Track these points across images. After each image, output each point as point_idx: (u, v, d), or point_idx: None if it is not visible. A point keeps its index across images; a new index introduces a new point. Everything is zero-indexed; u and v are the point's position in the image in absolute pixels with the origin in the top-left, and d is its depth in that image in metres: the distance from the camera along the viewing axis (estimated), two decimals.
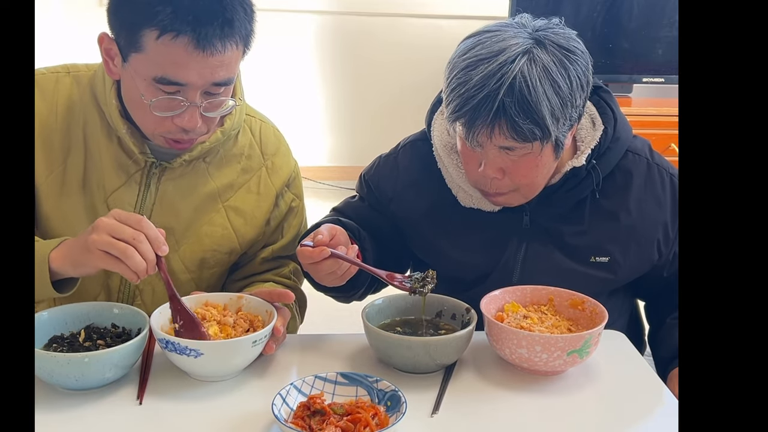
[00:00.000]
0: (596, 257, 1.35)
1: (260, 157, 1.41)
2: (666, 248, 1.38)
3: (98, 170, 1.30)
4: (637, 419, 1.13)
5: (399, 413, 1.02)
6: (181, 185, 1.34)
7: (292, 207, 1.45)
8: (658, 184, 1.37)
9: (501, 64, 1.16)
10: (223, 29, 1.14)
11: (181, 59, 1.14)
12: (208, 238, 1.36)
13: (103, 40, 1.22)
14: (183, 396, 1.13)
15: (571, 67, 1.19)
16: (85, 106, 1.31)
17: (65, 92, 1.32)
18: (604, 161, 1.32)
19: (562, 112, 1.18)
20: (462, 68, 1.19)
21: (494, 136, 1.19)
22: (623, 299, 1.47)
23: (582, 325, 1.25)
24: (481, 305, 1.24)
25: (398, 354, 1.17)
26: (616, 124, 1.33)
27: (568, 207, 1.35)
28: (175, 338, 1.11)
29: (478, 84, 1.16)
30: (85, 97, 1.31)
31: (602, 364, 1.25)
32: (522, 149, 1.21)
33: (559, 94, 1.17)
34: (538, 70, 1.16)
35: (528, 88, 1.15)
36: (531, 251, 1.37)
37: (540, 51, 1.18)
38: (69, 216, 1.30)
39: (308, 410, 1.03)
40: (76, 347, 1.14)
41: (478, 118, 1.17)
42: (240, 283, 1.43)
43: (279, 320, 1.19)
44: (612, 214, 1.35)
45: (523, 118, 1.16)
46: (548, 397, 1.16)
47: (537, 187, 1.30)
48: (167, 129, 1.22)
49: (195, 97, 1.18)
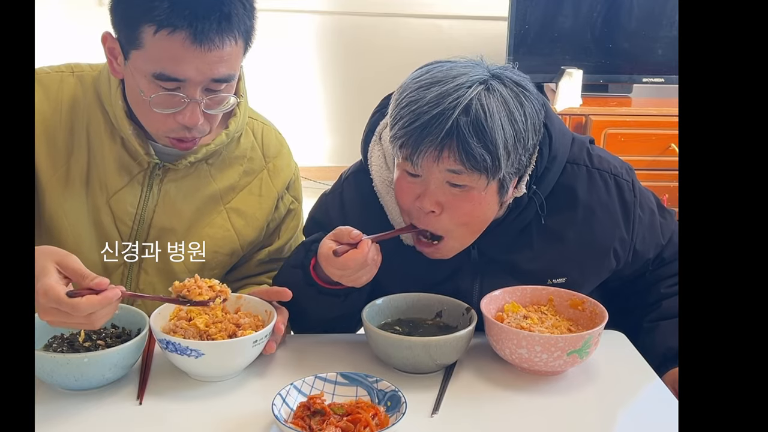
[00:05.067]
0: (552, 279, 1.32)
1: (262, 159, 1.41)
2: (624, 252, 1.34)
3: (101, 170, 1.30)
4: (637, 419, 1.13)
5: (399, 413, 1.02)
6: (184, 187, 1.34)
7: (291, 209, 1.45)
8: (603, 190, 1.31)
9: (458, 86, 1.11)
10: (221, 24, 1.14)
11: (179, 54, 1.13)
12: (209, 239, 1.36)
13: (107, 40, 1.22)
14: (183, 396, 1.13)
15: (527, 104, 1.15)
16: (89, 106, 1.31)
17: (69, 92, 1.32)
18: (544, 183, 1.26)
19: (514, 147, 1.13)
20: (414, 89, 1.14)
21: (442, 159, 1.12)
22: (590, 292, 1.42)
23: (582, 325, 1.25)
24: (481, 305, 1.24)
25: (398, 354, 1.17)
26: (551, 142, 1.25)
27: (514, 234, 1.30)
28: (175, 338, 1.11)
29: (431, 101, 1.11)
30: (89, 97, 1.31)
31: (602, 364, 1.24)
32: (468, 179, 1.14)
33: (514, 127, 1.12)
34: (496, 99, 1.12)
35: (485, 113, 1.10)
36: (486, 285, 1.30)
37: (497, 83, 1.14)
38: (72, 216, 1.30)
39: (308, 410, 1.03)
40: (75, 347, 1.14)
41: (429, 135, 1.10)
42: (235, 285, 1.43)
43: (279, 318, 1.19)
44: (560, 233, 1.30)
45: (476, 141, 1.09)
46: (548, 397, 1.16)
47: (475, 229, 1.22)
48: (170, 127, 1.22)
49: (195, 93, 1.18)
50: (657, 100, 3.54)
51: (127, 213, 1.32)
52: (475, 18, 4.01)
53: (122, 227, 1.32)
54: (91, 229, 1.31)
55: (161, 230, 1.34)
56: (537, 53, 3.47)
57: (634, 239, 1.35)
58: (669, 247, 1.43)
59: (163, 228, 1.34)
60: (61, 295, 1.00)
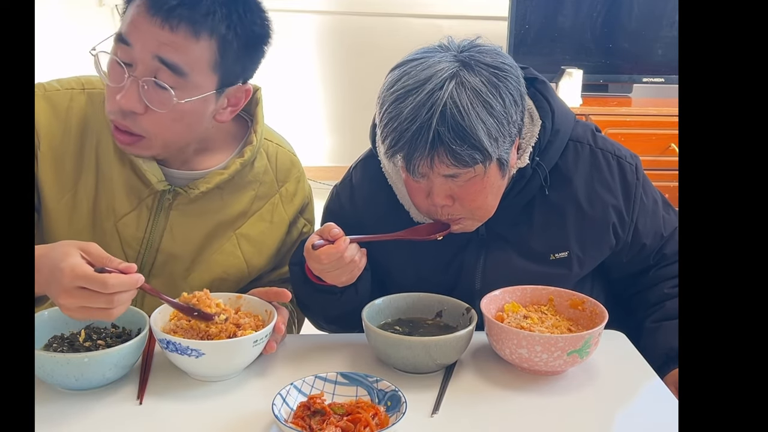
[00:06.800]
0: (555, 254, 1.34)
1: (274, 183, 1.38)
2: (623, 232, 1.37)
3: (109, 193, 1.28)
4: (637, 419, 1.13)
5: (399, 413, 1.02)
6: (193, 212, 1.31)
7: (303, 232, 1.44)
8: (605, 169, 1.35)
9: (429, 92, 1.12)
10: (182, 6, 1.12)
11: (135, 19, 1.14)
12: (217, 266, 1.34)
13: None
14: (183, 396, 1.13)
15: (501, 85, 1.16)
16: (99, 125, 1.29)
17: (80, 111, 1.29)
18: (547, 156, 1.30)
19: (499, 131, 1.15)
20: (391, 102, 1.16)
21: (435, 166, 1.15)
22: (592, 283, 1.45)
23: (582, 325, 1.25)
24: (481, 305, 1.24)
25: (398, 354, 1.17)
26: (554, 116, 1.30)
27: (518, 209, 1.33)
28: (175, 338, 1.11)
29: (409, 116, 1.13)
30: (100, 116, 1.28)
31: (602, 364, 1.25)
32: (466, 174, 1.18)
33: (493, 115, 1.14)
34: (468, 93, 1.13)
35: (461, 114, 1.12)
36: (490, 260, 1.35)
37: (467, 74, 1.14)
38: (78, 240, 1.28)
39: (308, 410, 1.03)
40: (76, 347, 1.14)
41: (416, 150, 1.14)
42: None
43: (279, 318, 1.19)
44: (562, 207, 1.33)
45: (461, 144, 1.12)
46: (548, 397, 1.16)
47: (490, 208, 1.26)
48: (111, 108, 1.18)
49: (139, 69, 1.14)
50: (657, 100, 3.54)
51: (134, 237, 1.30)
52: (475, 18, 4.01)
53: (129, 251, 1.30)
54: None
55: (168, 255, 1.32)
56: (537, 53, 3.47)
57: (635, 220, 1.37)
58: (671, 243, 1.43)
59: (171, 253, 1.32)
60: (89, 271, 1.00)
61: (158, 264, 1.32)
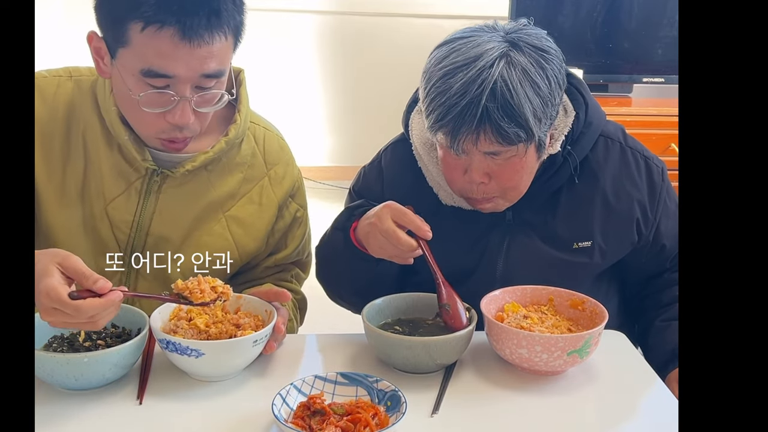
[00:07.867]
0: (579, 243, 1.36)
1: (263, 166, 1.38)
2: (646, 229, 1.39)
3: (98, 178, 1.29)
4: (637, 419, 1.13)
5: (399, 413, 1.02)
6: (182, 194, 1.32)
7: (297, 217, 1.44)
8: (633, 166, 1.38)
9: (480, 69, 1.15)
10: (210, 19, 1.12)
11: (167, 51, 1.11)
12: (207, 248, 1.34)
13: (92, 39, 1.19)
14: (183, 396, 1.13)
15: (548, 67, 1.20)
16: (86, 111, 1.29)
17: (66, 97, 1.30)
18: (579, 147, 1.33)
19: (543, 112, 1.19)
20: (440, 77, 1.18)
21: (480, 142, 1.18)
22: (609, 284, 1.47)
23: (582, 325, 1.25)
24: (481, 305, 1.24)
25: (398, 354, 1.17)
26: (587, 109, 1.34)
27: (546, 197, 1.36)
28: (175, 338, 1.11)
29: (459, 91, 1.16)
30: (87, 102, 1.29)
31: (602, 364, 1.24)
32: (507, 152, 1.21)
33: (540, 95, 1.18)
34: (518, 72, 1.16)
35: (510, 92, 1.15)
36: (514, 244, 1.37)
37: (516, 54, 1.18)
38: (68, 224, 1.28)
39: (308, 410, 1.03)
40: (75, 347, 1.14)
41: (463, 125, 1.16)
42: (238, 288, 1.41)
43: (279, 318, 1.19)
44: (589, 197, 1.36)
45: (508, 122, 1.15)
46: (548, 397, 1.16)
47: (523, 189, 1.30)
48: (160, 128, 1.20)
49: (185, 90, 1.16)
50: (657, 100, 3.54)
51: (124, 221, 1.30)
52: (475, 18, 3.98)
53: (119, 235, 1.30)
54: (87, 236, 1.29)
55: (158, 238, 1.32)
56: None
57: (658, 219, 1.39)
58: None
59: (161, 236, 1.32)
60: (63, 297, 1.00)
61: (148, 246, 1.32)
